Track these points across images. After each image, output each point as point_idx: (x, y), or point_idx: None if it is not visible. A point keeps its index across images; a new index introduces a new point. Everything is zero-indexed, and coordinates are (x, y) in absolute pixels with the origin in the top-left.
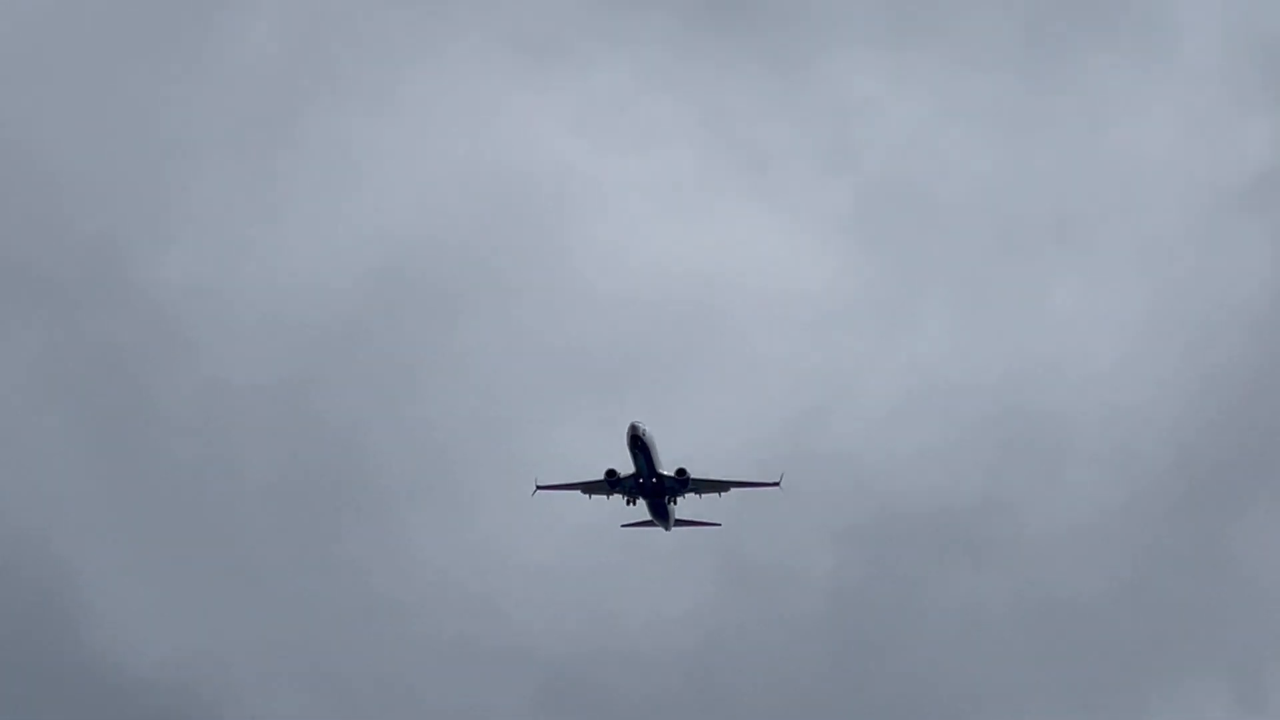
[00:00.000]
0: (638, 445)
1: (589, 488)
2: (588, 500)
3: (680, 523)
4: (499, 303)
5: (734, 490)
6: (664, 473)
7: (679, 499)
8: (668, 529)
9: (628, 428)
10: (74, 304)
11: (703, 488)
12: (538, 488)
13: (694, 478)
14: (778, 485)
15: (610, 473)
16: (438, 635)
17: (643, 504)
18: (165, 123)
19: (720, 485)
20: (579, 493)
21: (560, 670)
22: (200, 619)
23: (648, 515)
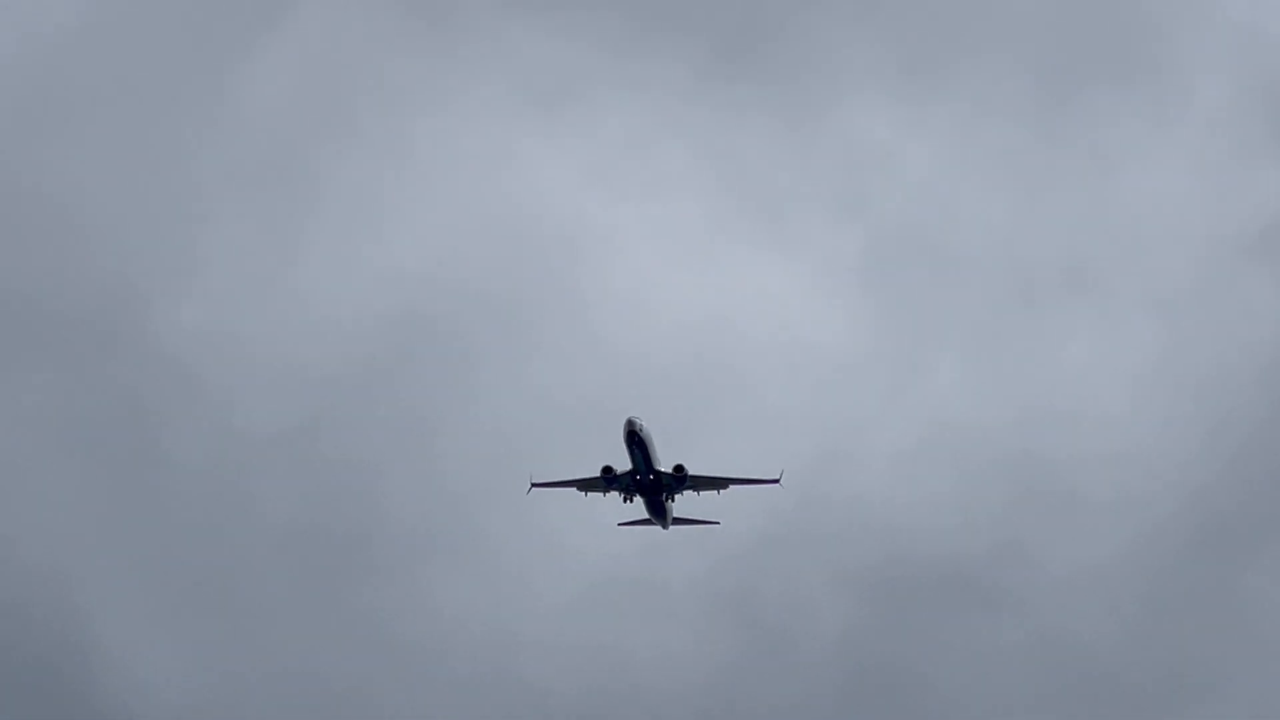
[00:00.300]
0: (634, 441)
1: (585, 485)
2: (583, 499)
3: (678, 521)
4: (512, 350)
5: (735, 492)
6: (661, 469)
7: (677, 496)
8: (665, 527)
9: (624, 423)
10: (92, 348)
11: (701, 484)
12: (533, 485)
13: (692, 474)
14: (778, 482)
15: (607, 469)
16: (453, 679)
17: (640, 502)
18: (182, 168)
19: (719, 482)
20: (575, 490)
21: (573, 713)
22: (215, 665)
23: (645, 513)
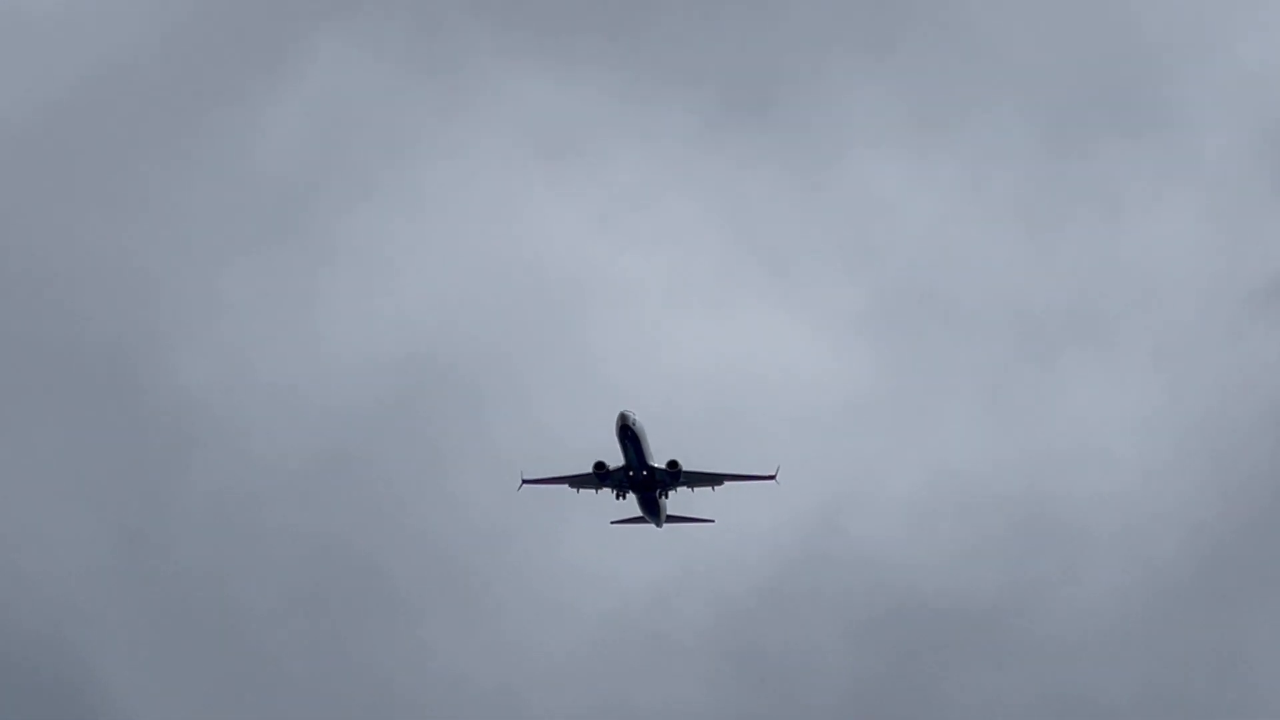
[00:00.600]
0: (627, 435)
1: (577, 481)
2: (575, 495)
3: (672, 519)
4: (520, 398)
5: (731, 489)
6: (655, 465)
7: (670, 493)
8: (659, 525)
9: (617, 417)
10: (109, 396)
11: (695, 481)
12: (524, 481)
13: (686, 470)
14: (773, 479)
15: (599, 465)
16: None
17: (633, 499)
18: (197, 221)
19: (714, 478)
20: (566, 487)
21: None
22: (228, 706)
23: (638, 511)
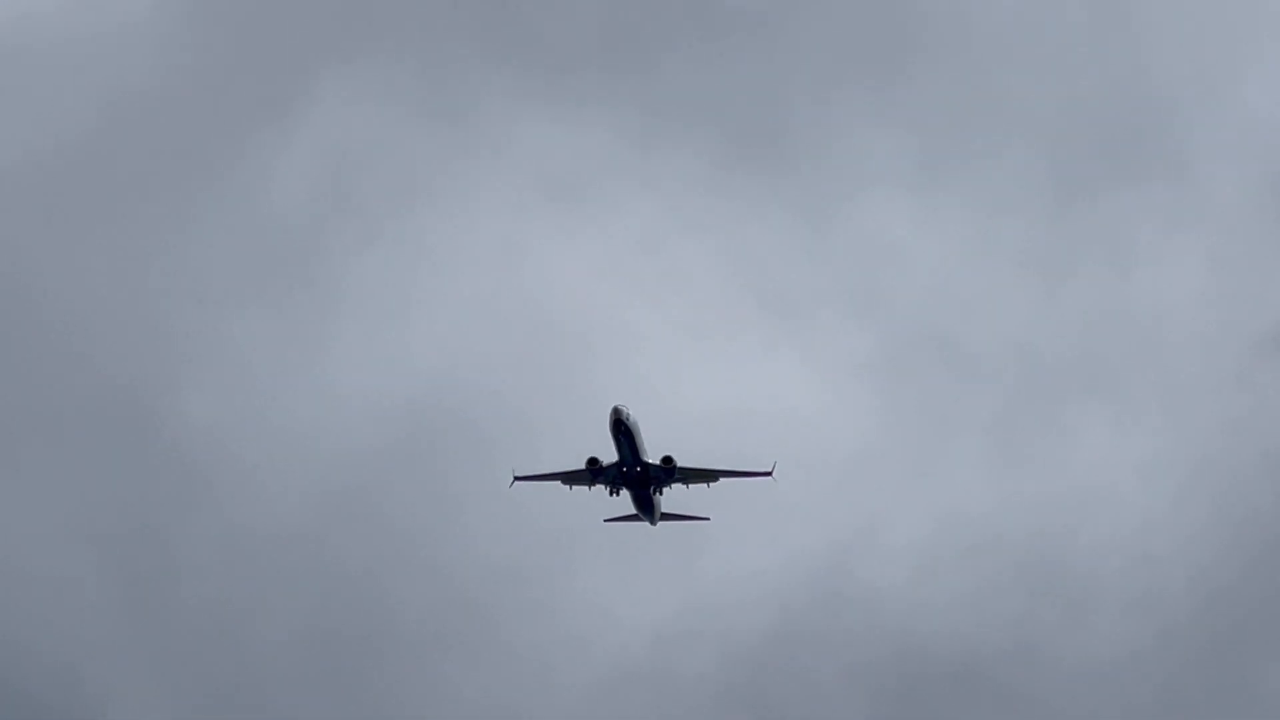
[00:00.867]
0: (621, 431)
1: (570, 478)
2: (568, 492)
3: (666, 517)
4: (528, 442)
5: (727, 487)
6: (649, 461)
7: (665, 490)
8: (653, 523)
9: (610, 411)
10: (110, 444)
11: (690, 477)
12: (515, 478)
13: (681, 466)
14: (770, 475)
15: (592, 461)
16: None
17: (627, 496)
18: (201, 267)
19: (709, 475)
20: (559, 484)
21: None
22: None
23: (632, 509)
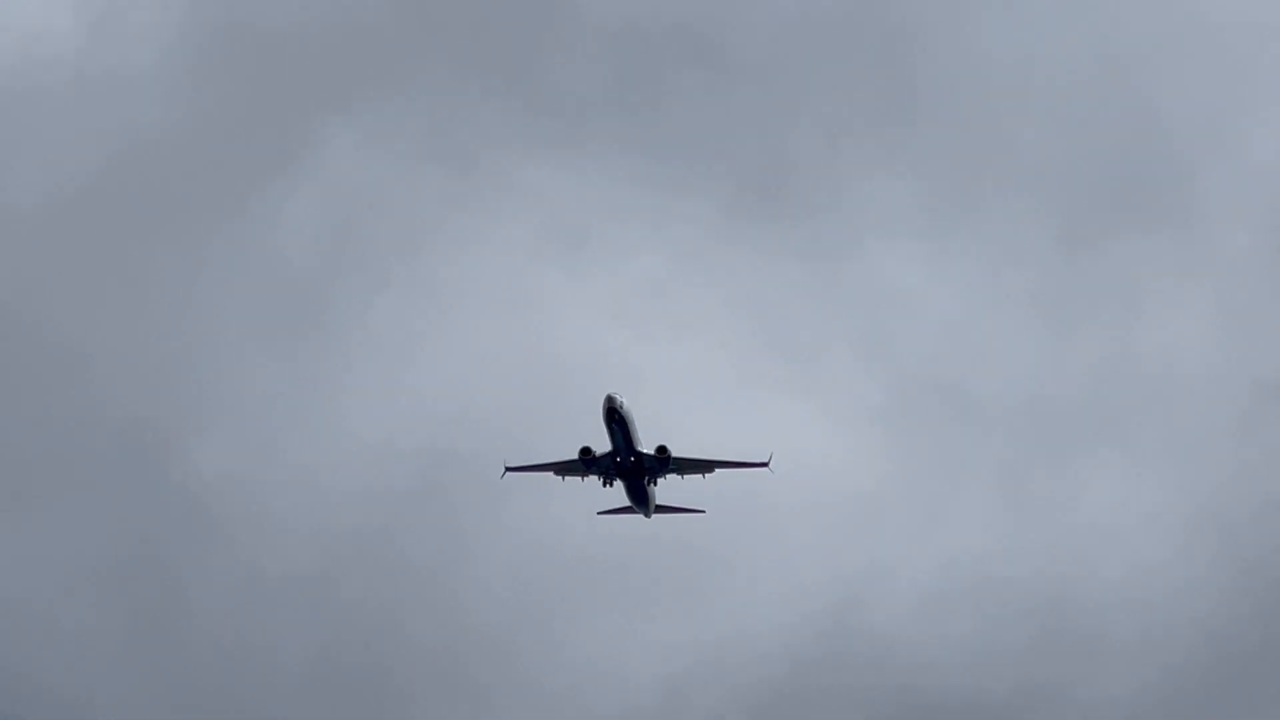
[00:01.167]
0: (614, 419)
1: (562, 468)
2: (561, 483)
3: (661, 509)
4: (536, 490)
5: (723, 478)
6: (643, 450)
7: (660, 480)
8: (648, 515)
9: (604, 399)
10: (116, 489)
11: (686, 467)
12: (507, 469)
13: (676, 456)
14: (766, 466)
15: (585, 450)
16: None
17: (620, 487)
18: (208, 312)
19: (705, 465)
20: (552, 475)
21: None
22: None
23: (626, 500)
